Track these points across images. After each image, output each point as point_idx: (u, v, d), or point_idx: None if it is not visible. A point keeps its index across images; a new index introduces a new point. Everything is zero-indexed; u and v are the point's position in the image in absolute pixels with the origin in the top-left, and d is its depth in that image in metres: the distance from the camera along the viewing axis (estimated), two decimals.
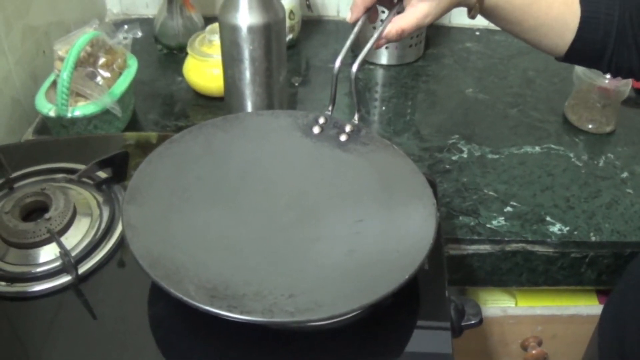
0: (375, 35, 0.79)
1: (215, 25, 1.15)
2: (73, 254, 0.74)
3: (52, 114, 0.98)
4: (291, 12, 1.29)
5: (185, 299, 0.60)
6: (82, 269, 0.73)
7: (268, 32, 0.97)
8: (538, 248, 0.95)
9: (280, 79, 1.03)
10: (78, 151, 0.93)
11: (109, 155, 0.83)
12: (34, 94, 1.03)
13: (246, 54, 0.97)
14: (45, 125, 1.09)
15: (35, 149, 0.98)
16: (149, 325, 0.69)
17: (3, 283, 0.72)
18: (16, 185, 0.85)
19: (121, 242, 0.77)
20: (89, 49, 1.02)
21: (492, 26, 1.47)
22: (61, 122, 0.99)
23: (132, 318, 0.70)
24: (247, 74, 1.00)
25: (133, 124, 1.11)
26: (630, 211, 0.99)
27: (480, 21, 1.43)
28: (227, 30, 0.97)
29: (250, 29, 0.95)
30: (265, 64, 0.99)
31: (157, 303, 0.71)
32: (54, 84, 1.03)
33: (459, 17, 1.45)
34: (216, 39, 1.14)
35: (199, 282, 0.63)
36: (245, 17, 0.95)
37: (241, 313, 0.60)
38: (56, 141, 1.01)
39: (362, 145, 0.82)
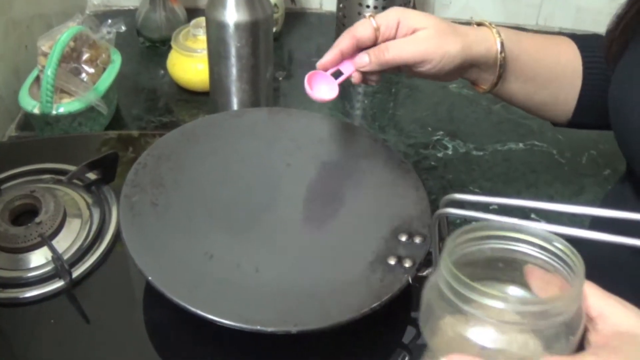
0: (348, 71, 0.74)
1: (200, 19, 1.13)
2: (65, 257, 0.73)
3: (36, 111, 0.97)
4: (275, 5, 1.28)
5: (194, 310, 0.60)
6: (75, 273, 0.73)
7: (255, 29, 0.96)
8: None
9: (267, 76, 1.02)
10: (63, 150, 0.93)
11: (99, 157, 0.82)
12: (16, 89, 1.02)
13: (233, 51, 0.97)
14: (28, 121, 1.07)
15: (18, 148, 0.97)
16: (145, 329, 0.69)
17: None
18: (2, 187, 0.84)
19: (114, 245, 0.77)
20: (72, 44, 1.01)
21: (475, 20, 1.48)
22: (45, 119, 0.98)
23: (128, 322, 0.71)
24: (234, 71, 0.99)
25: (117, 120, 1.10)
26: None
27: (464, 16, 1.45)
28: (214, 27, 0.96)
29: (238, 26, 0.95)
30: (252, 61, 0.98)
31: (153, 306, 0.71)
32: (37, 79, 1.02)
33: (443, 11, 1.46)
34: (201, 34, 1.13)
35: (200, 289, 0.63)
36: (233, 14, 0.94)
37: (240, 321, 0.60)
38: (40, 140, 1.00)
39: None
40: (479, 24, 0.76)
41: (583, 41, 0.79)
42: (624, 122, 0.67)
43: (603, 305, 0.46)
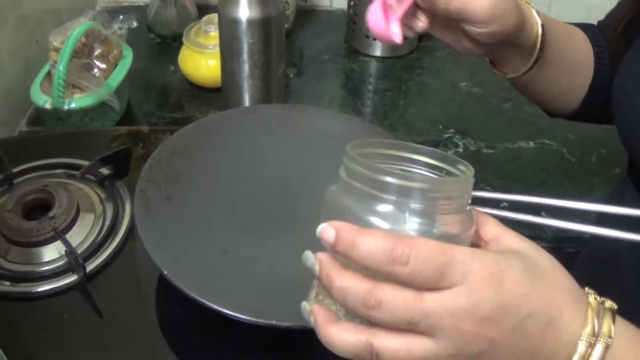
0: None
1: (212, 16, 1.14)
2: (78, 251, 0.73)
3: (48, 106, 0.97)
4: (286, 2, 1.28)
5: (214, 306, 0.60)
6: (89, 267, 0.73)
7: (268, 26, 0.96)
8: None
9: (279, 72, 1.02)
10: (73, 145, 0.93)
11: (112, 152, 0.82)
12: (27, 84, 1.02)
13: (245, 47, 0.97)
14: (39, 115, 1.07)
15: (30, 142, 0.97)
16: (157, 323, 0.69)
17: (7, 283, 0.72)
18: (15, 181, 0.84)
19: (127, 240, 0.77)
20: (84, 39, 1.01)
21: None
22: (57, 114, 0.98)
23: (141, 316, 0.71)
24: (246, 68, 0.99)
25: (128, 116, 1.10)
26: None
27: None
28: (227, 23, 0.96)
29: (251, 23, 0.95)
30: (264, 57, 0.98)
31: (165, 301, 0.71)
32: (49, 74, 1.02)
33: None
34: (212, 30, 1.13)
35: (215, 284, 0.63)
36: (245, 11, 0.94)
37: (256, 315, 0.60)
38: (50, 135, 1.00)
39: None
40: None
41: (589, 31, 0.79)
42: (627, 116, 0.67)
43: (499, 232, 0.47)
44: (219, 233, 0.71)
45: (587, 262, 0.85)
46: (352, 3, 1.30)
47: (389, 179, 0.42)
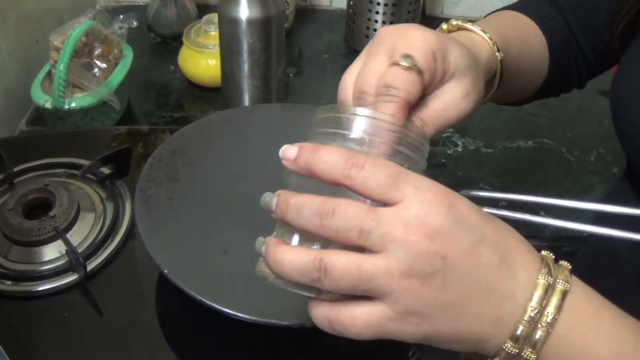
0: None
1: (212, 15, 1.14)
2: (79, 251, 0.73)
3: (48, 105, 0.97)
4: (285, 1, 1.28)
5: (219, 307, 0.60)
6: (89, 267, 0.73)
7: (268, 26, 0.96)
8: (531, 242, 0.96)
9: (278, 72, 1.03)
10: (73, 145, 0.93)
11: (113, 151, 0.82)
12: (27, 83, 1.02)
13: (245, 47, 0.97)
14: (39, 115, 1.08)
15: (30, 142, 0.98)
16: (157, 322, 0.70)
17: (8, 282, 0.72)
18: (16, 180, 0.84)
19: (127, 239, 0.77)
20: (84, 39, 1.01)
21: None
22: (57, 114, 0.98)
23: (141, 315, 0.71)
24: (246, 67, 0.99)
25: (128, 115, 1.10)
26: None
27: (474, 13, 1.45)
28: (227, 23, 0.96)
29: (250, 22, 0.95)
30: (264, 57, 0.99)
31: (165, 300, 0.71)
32: (49, 74, 1.02)
33: (452, 9, 1.46)
34: (212, 30, 1.14)
35: (215, 283, 0.64)
36: (245, 10, 0.94)
37: (255, 314, 0.60)
38: (51, 134, 1.00)
39: None
40: (462, 27, 0.62)
41: (538, 9, 0.76)
42: (626, 116, 0.67)
43: None
44: (219, 232, 0.71)
45: (585, 261, 0.85)
46: (351, 2, 1.30)
47: (351, 113, 0.46)
